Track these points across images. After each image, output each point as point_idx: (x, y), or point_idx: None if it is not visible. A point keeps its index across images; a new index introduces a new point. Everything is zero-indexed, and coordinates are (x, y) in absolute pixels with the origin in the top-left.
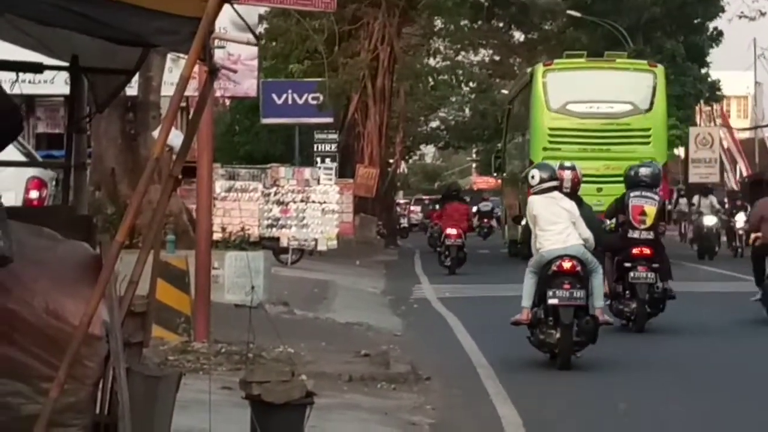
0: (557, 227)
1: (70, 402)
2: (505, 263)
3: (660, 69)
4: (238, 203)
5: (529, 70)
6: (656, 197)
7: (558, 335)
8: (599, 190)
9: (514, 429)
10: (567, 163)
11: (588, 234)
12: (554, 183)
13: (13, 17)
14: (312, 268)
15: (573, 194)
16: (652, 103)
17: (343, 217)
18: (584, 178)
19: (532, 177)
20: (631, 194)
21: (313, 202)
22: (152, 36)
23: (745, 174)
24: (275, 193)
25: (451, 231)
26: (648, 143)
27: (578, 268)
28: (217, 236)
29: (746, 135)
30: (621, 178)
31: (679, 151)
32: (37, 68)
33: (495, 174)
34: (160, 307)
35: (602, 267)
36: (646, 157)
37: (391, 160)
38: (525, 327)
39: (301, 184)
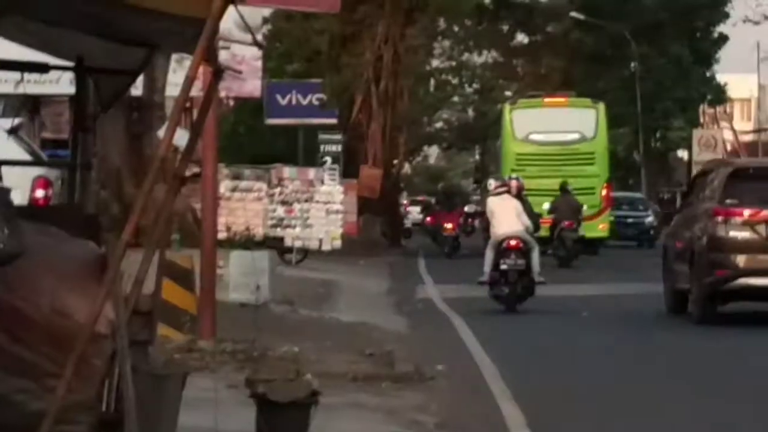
0: (507, 218)
1: (76, 400)
2: None
3: (601, 105)
4: (243, 203)
5: (499, 106)
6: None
7: (507, 290)
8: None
9: (518, 429)
10: (513, 176)
11: (529, 222)
12: (504, 188)
13: (19, 18)
14: (316, 267)
15: (518, 196)
16: (596, 132)
17: (347, 217)
18: (543, 192)
19: (490, 184)
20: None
21: (318, 202)
22: (157, 37)
23: None
24: (280, 193)
25: (447, 225)
26: (593, 163)
27: (521, 245)
28: (221, 235)
29: (750, 137)
30: (573, 190)
31: (683, 154)
32: (42, 68)
33: (474, 185)
34: (166, 306)
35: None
36: (592, 174)
37: (395, 161)
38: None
39: (305, 184)
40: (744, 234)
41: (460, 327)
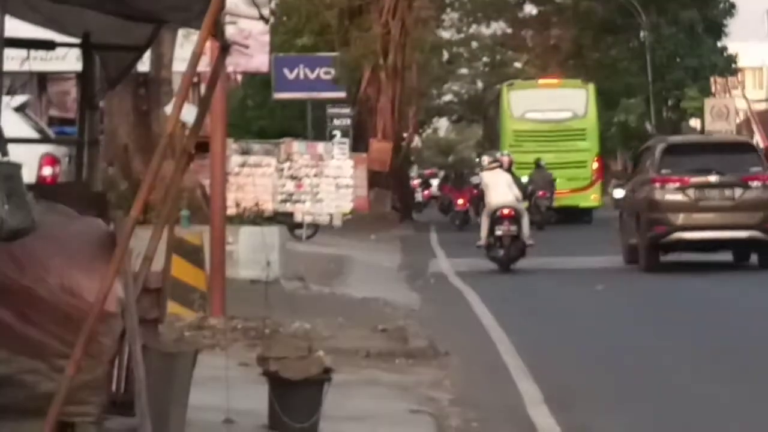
0: (499, 189)
1: (86, 379)
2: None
3: (591, 85)
4: (252, 178)
5: (497, 87)
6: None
7: (502, 253)
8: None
9: (534, 404)
10: (504, 152)
11: (518, 193)
12: (497, 164)
13: None
14: (327, 243)
15: (508, 170)
16: (586, 111)
17: (357, 191)
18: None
19: (484, 160)
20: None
21: (327, 176)
22: (164, 12)
23: (762, 145)
24: (289, 168)
25: (459, 201)
26: (584, 139)
27: (513, 214)
28: (231, 211)
29: (762, 107)
30: (567, 164)
31: (696, 123)
32: (49, 45)
33: (477, 159)
34: (175, 283)
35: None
36: (584, 149)
37: (404, 134)
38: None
39: (314, 158)
40: (677, 197)
41: (473, 301)
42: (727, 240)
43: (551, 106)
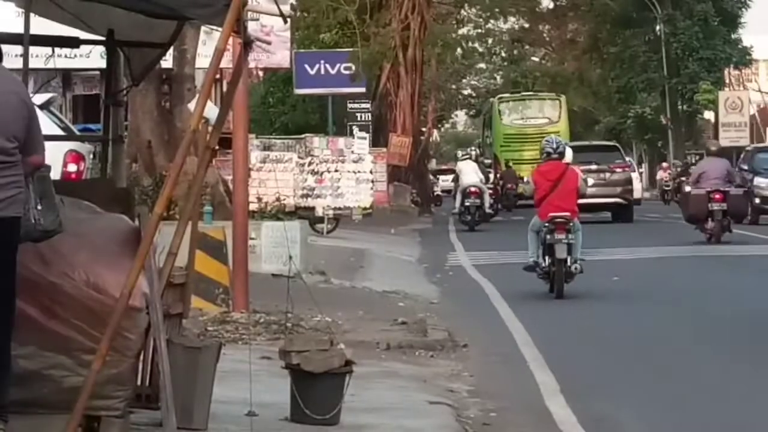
0: (469, 174)
1: (111, 374)
2: None
3: (563, 97)
4: (274, 173)
5: (491, 100)
6: None
7: (469, 217)
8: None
9: (551, 395)
10: (472, 148)
11: (482, 177)
12: (467, 156)
13: None
14: (348, 237)
15: (475, 161)
16: (559, 117)
17: (377, 186)
18: (524, 160)
19: (458, 154)
20: None
21: (348, 171)
22: (187, 9)
23: None
24: (310, 163)
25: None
26: None
27: (478, 191)
28: (253, 207)
29: None
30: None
31: (710, 116)
32: (73, 43)
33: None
34: (199, 278)
35: None
36: None
37: (423, 129)
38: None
39: (335, 153)
40: None
41: (491, 293)
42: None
43: (532, 114)
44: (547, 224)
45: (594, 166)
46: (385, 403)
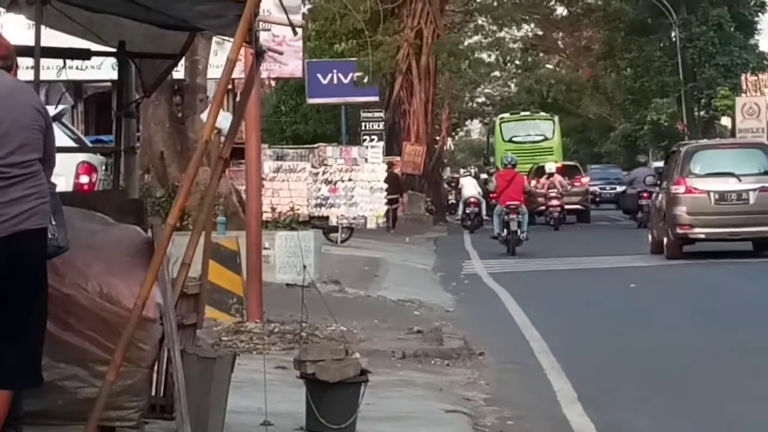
0: (469, 188)
1: (126, 385)
2: (552, 239)
3: (556, 117)
4: (287, 183)
5: (495, 119)
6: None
7: (469, 223)
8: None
9: (568, 403)
10: (471, 167)
11: (480, 190)
12: (468, 173)
13: (61, 4)
14: (362, 246)
15: (475, 176)
16: (553, 134)
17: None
18: (522, 172)
19: (461, 171)
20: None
21: (361, 180)
22: (198, 20)
23: None
24: (323, 173)
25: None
26: (552, 154)
27: (476, 201)
28: (266, 216)
29: None
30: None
31: (727, 122)
32: (84, 54)
33: (486, 167)
34: (213, 289)
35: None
36: (551, 161)
37: (437, 137)
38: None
39: (348, 162)
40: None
41: (507, 301)
42: None
43: (529, 131)
44: (504, 209)
45: (567, 180)
46: (401, 412)
